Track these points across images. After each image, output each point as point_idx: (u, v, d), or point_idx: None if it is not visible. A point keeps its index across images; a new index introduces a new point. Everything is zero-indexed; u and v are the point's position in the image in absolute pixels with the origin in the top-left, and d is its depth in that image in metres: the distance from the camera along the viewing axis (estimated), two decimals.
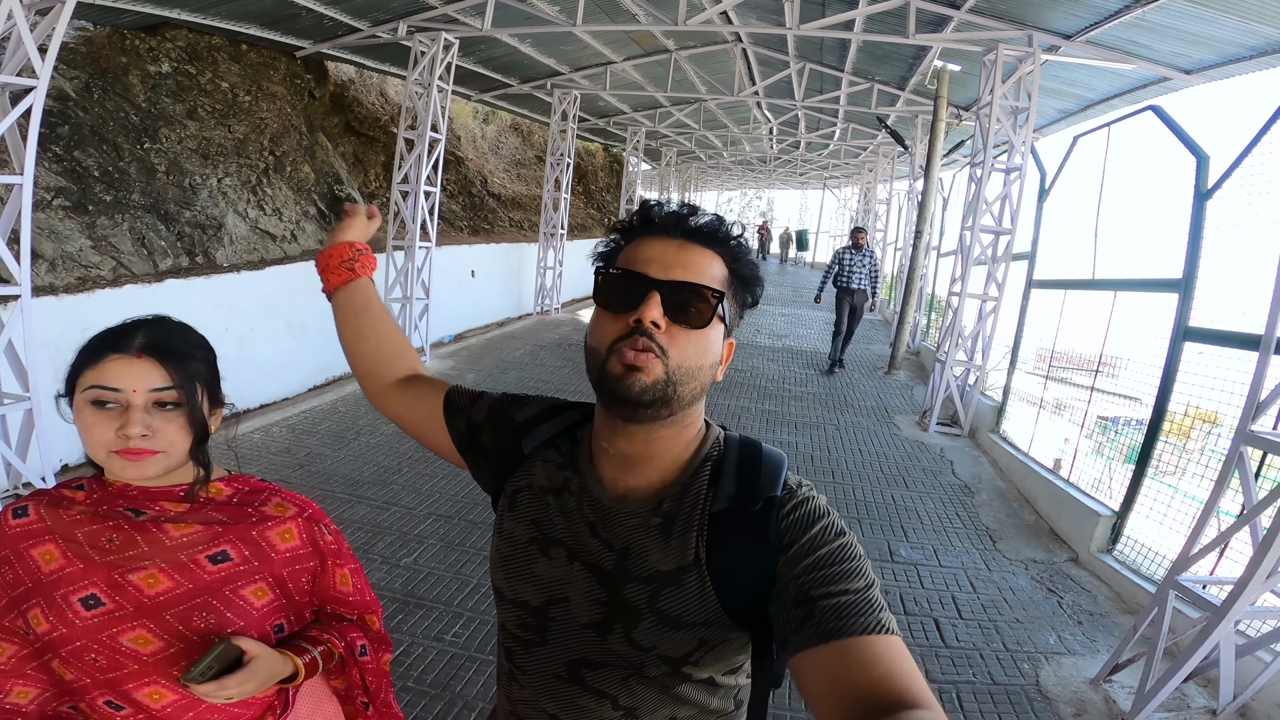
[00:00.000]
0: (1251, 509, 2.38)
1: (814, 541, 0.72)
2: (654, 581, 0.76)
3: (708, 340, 0.76)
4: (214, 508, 1.00)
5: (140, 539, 0.95)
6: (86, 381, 0.90)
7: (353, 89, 9.07)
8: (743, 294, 0.81)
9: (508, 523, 0.87)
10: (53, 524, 0.95)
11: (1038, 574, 3.76)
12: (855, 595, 0.65)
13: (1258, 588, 2.28)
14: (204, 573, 0.96)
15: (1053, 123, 8.04)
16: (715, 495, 0.78)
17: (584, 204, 16.20)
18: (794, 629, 0.66)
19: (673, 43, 9.20)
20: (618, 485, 0.81)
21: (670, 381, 0.73)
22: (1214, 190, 3.25)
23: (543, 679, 0.83)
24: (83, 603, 0.92)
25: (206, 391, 0.97)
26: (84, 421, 0.91)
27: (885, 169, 15.38)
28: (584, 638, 0.79)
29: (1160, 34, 4.97)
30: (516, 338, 9.43)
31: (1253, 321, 3.00)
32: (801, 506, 0.75)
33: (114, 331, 0.94)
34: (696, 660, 0.77)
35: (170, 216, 5.53)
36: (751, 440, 0.84)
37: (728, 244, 0.79)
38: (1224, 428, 3.88)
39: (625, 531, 0.79)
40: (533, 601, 0.83)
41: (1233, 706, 2.55)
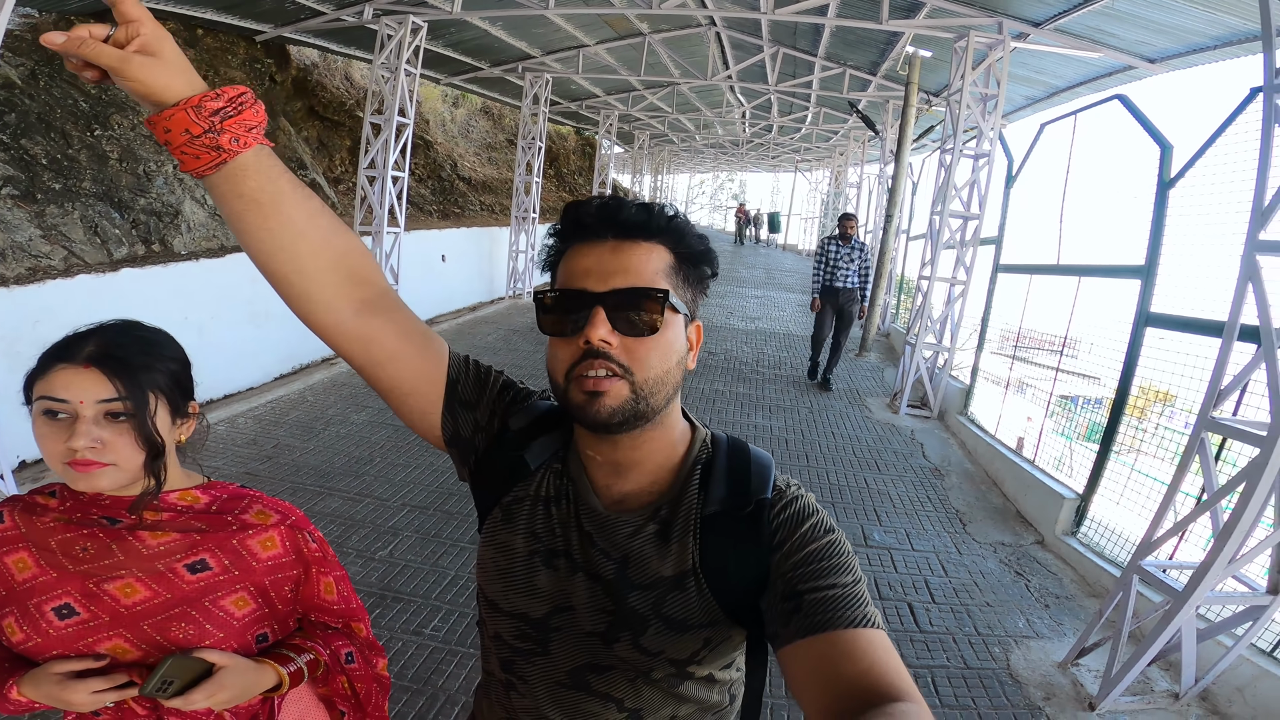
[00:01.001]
0: (1213, 495, 2.45)
1: (804, 539, 0.72)
2: (657, 588, 0.76)
3: (667, 341, 0.73)
4: (192, 515, 0.98)
5: (115, 547, 0.93)
6: (37, 391, 0.88)
7: (316, 73, 8.81)
8: (696, 272, 0.78)
9: (503, 534, 0.83)
10: (27, 531, 0.93)
11: (1006, 557, 3.86)
12: (842, 590, 0.66)
13: (1219, 573, 2.34)
14: (182, 582, 0.95)
15: (1019, 109, 8.17)
16: (706, 499, 0.78)
17: (556, 187, 16.03)
18: (783, 623, 0.67)
19: (646, 26, 9.09)
20: (611, 492, 0.80)
21: (639, 397, 0.71)
22: (1177, 179, 3.33)
23: (545, 687, 0.82)
24: (56, 612, 0.90)
25: (166, 402, 0.93)
26: (38, 431, 0.89)
27: (856, 153, 15.48)
28: (589, 645, 0.79)
29: (1127, 22, 5.06)
30: (489, 322, 9.34)
31: (1212, 308, 3.10)
32: (791, 506, 0.76)
33: (67, 340, 0.91)
34: (701, 659, 0.78)
35: (124, 204, 5.33)
36: (739, 442, 0.84)
37: (664, 229, 0.74)
38: (1178, 407, 4.02)
39: (622, 540, 0.78)
40: (533, 614, 0.81)
41: (1194, 690, 2.62)
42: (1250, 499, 2.23)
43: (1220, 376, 2.41)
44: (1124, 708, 2.62)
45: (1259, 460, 2.22)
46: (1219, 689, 2.68)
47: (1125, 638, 2.62)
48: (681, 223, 0.76)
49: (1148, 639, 2.51)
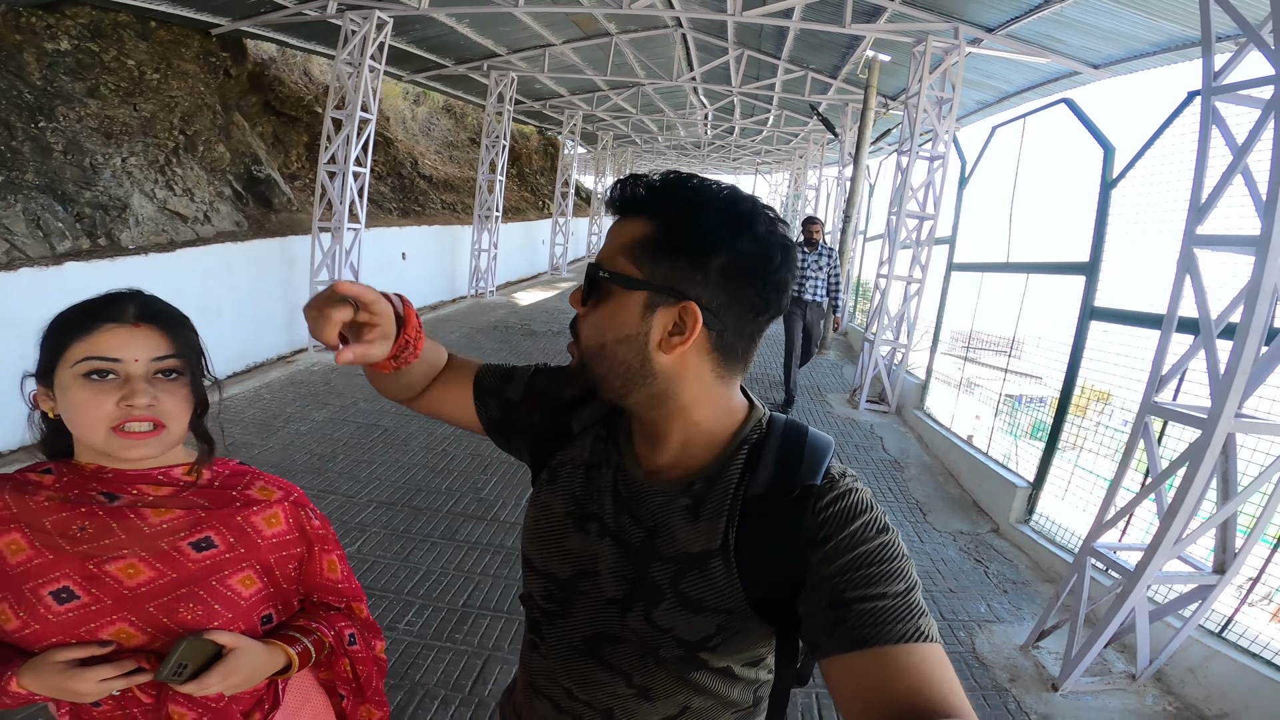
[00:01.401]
0: (1157, 476, 2.57)
1: (852, 539, 0.66)
2: (679, 562, 0.74)
3: (604, 316, 0.72)
4: (194, 492, 0.93)
5: (116, 526, 0.87)
6: (78, 354, 0.83)
7: (274, 68, 8.58)
8: (687, 246, 0.69)
9: (545, 495, 0.86)
10: (18, 510, 0.86)
11: (964, 545, 3.98)
12: (893, 600, 0.61)
13: (1167, 552, 2.44)
14: (188, 561, 0.90)
15: (972, 113, 8.47)
16: (751, 480, 0.74)
17: (518, 186, 15.91)
18: (825, 632, 0.62)
19: (614, 26, 9.11)
20: (649, 461, 0.79)
21: (583, 365, 0.75)
22: (1118, 180, 3.51)
23: (562, 651, 0.82)
24: (54, 596, 0.84)
25: (201, 360, 0.92)
26: (76, 399, 0.83)
27: (815, 155, 15.79)
28: (606, 613, 0.78)
29: (1075, 29, 5.30)
30: (452, 320, 9.24)
31: (1150, 301, 3.28)
32: (842, 499, 0.70)
33: (100, 301, 0.86)
34: (714, 647, 0.74)
35: (68, 197, 5.11)
36: (798, 424, 0.79)
37: (646, 202, 0.72)
38: (1116, 405, 4.23)
39: (654, 509, 0.77)
40: (561, 574, 0.82)
41: (1149, 671, 2.72)
42: (1194, 479, 2.34)
43: (1161, 363, 2.55)
44: (1085, 688, 2.70)
45: (1200, 441, 2.34)
46: (1172, 670, 2.77)
47: (1082, 620, 2.71)
48: (670, 196, 0.71)
49: (1103, 620, 2.59)
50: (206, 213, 6.54)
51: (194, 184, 6.45)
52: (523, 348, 7.95)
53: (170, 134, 6.32)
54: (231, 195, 7.00)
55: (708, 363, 0.73)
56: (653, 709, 0.78)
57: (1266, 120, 2.21)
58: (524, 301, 11.52)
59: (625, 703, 0.79)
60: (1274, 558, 2.75)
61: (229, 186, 7.00)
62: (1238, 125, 2.40)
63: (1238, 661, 2.60)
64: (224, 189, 6.89)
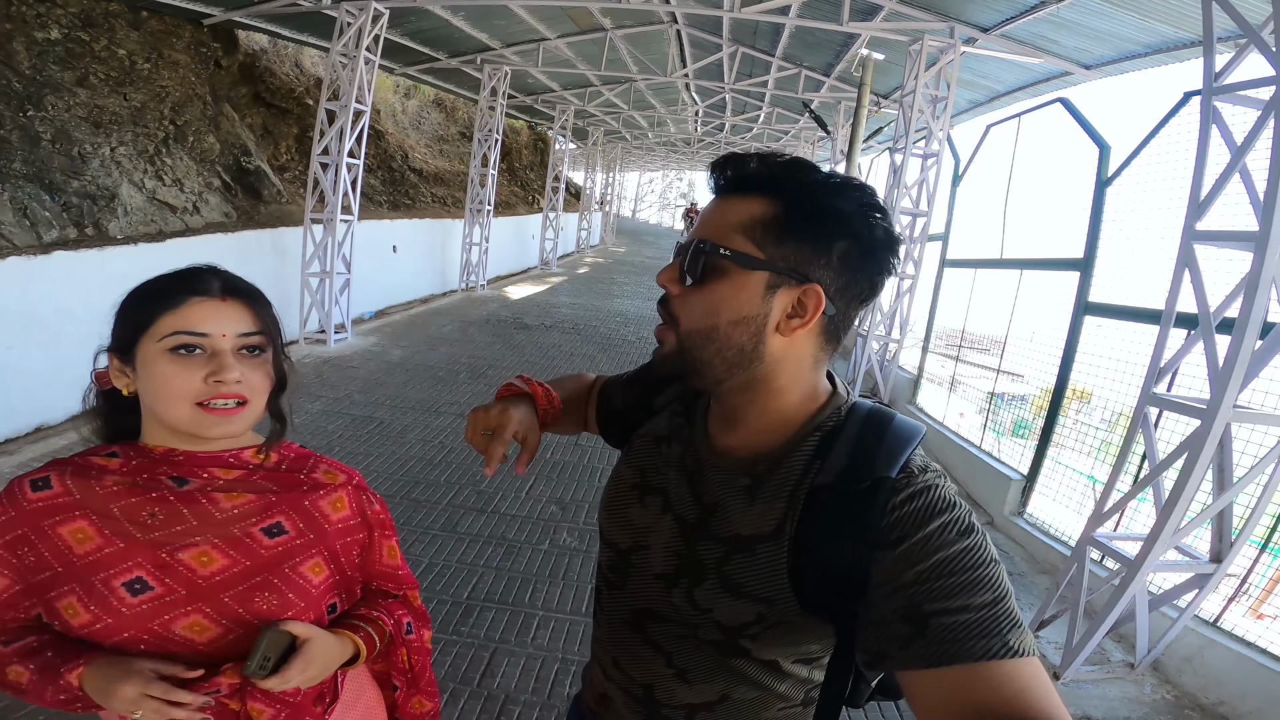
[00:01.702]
0: (1155, 466, 2.61)
1: (929, 542, 0.60)
2: (728, 544, 0.72)
3: (716, 296, 0.69)
4: (263, 475, 0.90)
5: (187, 512, 0.84)
6: (166, 328, 0.80)
7: (265, 59, 8.47)
8: (813, 228, 0.67)
9: (620, 466, 0.88)
10: (82, 497, 0.81)
11: None
12: (978, 614, 0.56)
13: (1167, 540, 2.49)
14: (260, 548, 0.86)
15: (964, 112, 8.54)
16: (821, 468, 0.69)
17: (508, 181, 15.83)
18: (900, 645, 0.58)
19: (609, 21, 9.08)
20: (720, 440, 0.78)
21: (683, 349, 0.70)
22: (1114, 178, 3.56)
23: (614, 623, 0.83)
24: (127, 587, 0.80)
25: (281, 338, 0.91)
26: (161, 374, 0.80)
27: (806, 152, 15.84)
28: (654, 588, 0.78)
29: (1069, 30, 5.37)
30: (443, 314, 9.18)
31: (1142, 297, 3.34)
32: (920, 497, 0.63)
33: (184, 275, 0.84)
34: (754, 635, 0.71)
35: (56, 186, 5.02)
36: (884, 411, 0.73)
37: (778, 184, 0.68)
38: (1096, 404, 4.29)
39: (714, 487, 0.75)
40: (621, 544, 0.83)
41: (1148, 660, 2.77)
42: (1194, 468, 2.39)
43: (1160, 356, 2.60)
44: (1085, 677, 2.76)
45: (1200, 431, 2.39)
46: (1169, 659, 2.83)
47: (1081, 610, 2.76)
48: (803, 178, 0.68)
49: (1103, 610, 2.64)
50: (196, 203, 6.45)
51: (183, 174, 6.36)
52: (516, 341, 7.93)
53: (160, 124, 6.22)
54: (221, 186, 6.91)
55: (813, 345, 0.72)
56: (691, 691, 0.76)
57: (1266, 120, 2.26)
58: (515, 295, 11.47)
59: (665, 682, 0.77)
60: (1260, 557, 2.82)
61: (218, 177, 6.91)
62: (1235, 124, 2.45)
63: (1233, 651, 2.66)
64: (213, 180, 6.80)
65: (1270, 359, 2.38)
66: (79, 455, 0.86)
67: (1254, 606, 3.04)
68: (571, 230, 20.59)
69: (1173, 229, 2.61)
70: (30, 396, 4.21)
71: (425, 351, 7.04)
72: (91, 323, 3.86)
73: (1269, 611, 2.99)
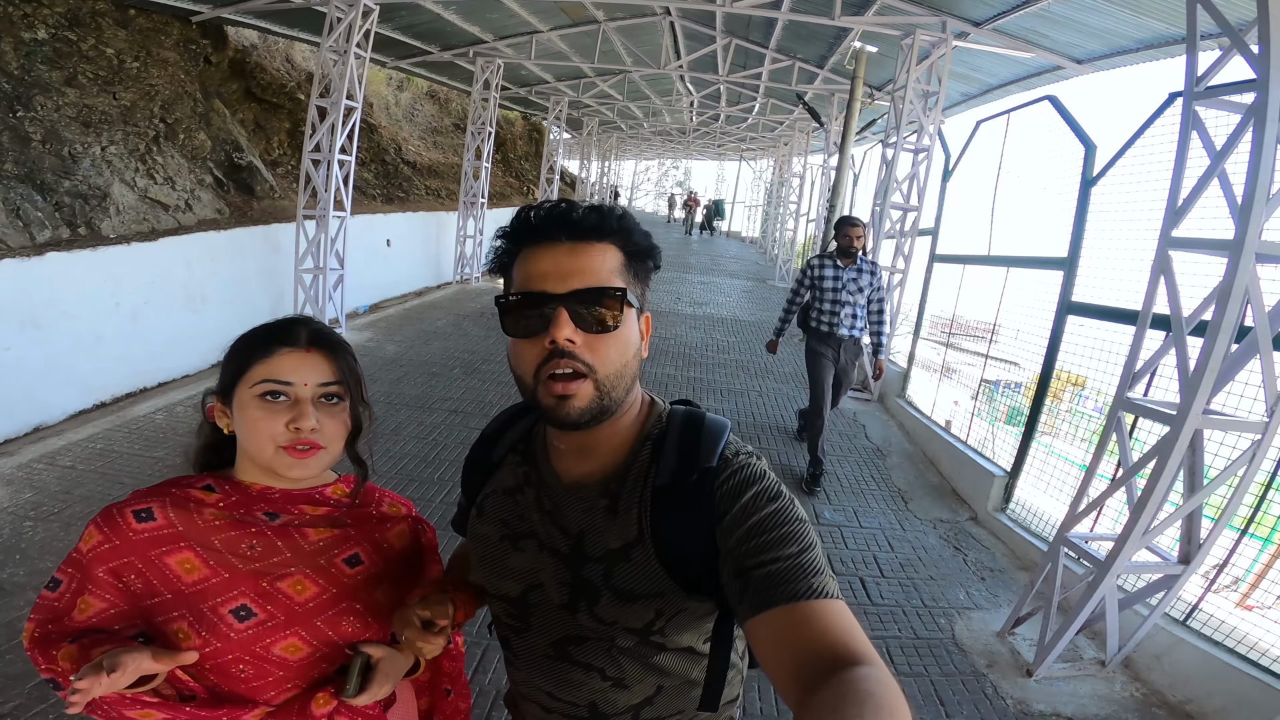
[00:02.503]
0: (1128, 470, 2.64)
1: (745, 510, 0.72)
2: (606, 560, 0.79)
3: (625, 336, 0.76)
4: (340, 510, 0.99)
5: (281, 544, 0.92)
6: (257, 375, 0.88)
7: (255, 55, 8.43)
8: (643, 266, 0.81)
9: (479, 528, 0.92)
10: (185, 529, 0.88)
11: (944, 533, 4.09)
12: (786, 562, 0.66)
13: (1136, 542, 2.54)
14: (343, 576, 0.95)
15: (956, 105, 8.54)
16: (657, 471, 0.80)
17: (503, 172, 15.79)
18: (737, 600, 0.67)
19: (602, 14, 9.05)
20: (571, 474, 0.84)
21: (603, 393, 0.75)
22: (1099, 178, 3.59)
23: (534, 660, 0.87)
24: (234, 614, 0.87)
25: (358, 387, 0.96)
26: (250, 417, 0.88)
27: (800, 143, 15.80)
28: (560, 618, 0.83)
29: (1061, 24, 5.38)
30: (437, 307, 9.20)
31: (1126, 298, 3.36)
32: (735, 475, 0.76)
33: (278, 326, 0.92)
34: (660, 629, 0.79)
35: (47, 186, 5.04)
36: (695, 413, 0.85)
37: (614, 229, 0.77)
38: (1090, 391, 4.33)
39: (577, 515, 0.82)
40: (511, 593, 0.87)
41: (1118, 658, 2.81)
42: (1163, 472, 2.43)
43: (1135, 360, 2.64)
44: (1057, 674, 2.80)
45: (1169, 436, 2.44)
46: (1139, 657, 2.87)
47: (1055, 608, 2.80)
48: (630, 222, 0.79)
49: (1075, 608, 2.69)
50: (188, 201, 6.45)
51: (175, 172, 6.35)
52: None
53: (150, 122, 6.21)
54: (213, 183, 6.91)
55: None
56: (630, 695, 0.83)
57: (1246, 126, 2.26)
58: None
59: (605, 694, 0.83)
60: (1238, 547, 2.86)
61: (210, 174, 6.91)
62: (1216, 129, 2.45)
63: (1200, 649, 2.70)
64: (205, 177, 6.80)
65: (1243, 365, 2.42)
66: (176, 487, 0.92)
67: (1242, 596, 3.08)
68: None
69: (1155, 231, 2.62)
70: (29, 396, 4.25)
71: (420, 346, 7.07)
72: (87, 321, 3.96)
73: (1256, 602, 3.02)
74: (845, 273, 4.31)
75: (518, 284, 0.77)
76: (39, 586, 2.60)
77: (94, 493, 3.49)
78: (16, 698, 2.13)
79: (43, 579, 2.73)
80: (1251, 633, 2.66)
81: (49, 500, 3.39)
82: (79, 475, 3.70)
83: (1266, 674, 2.49)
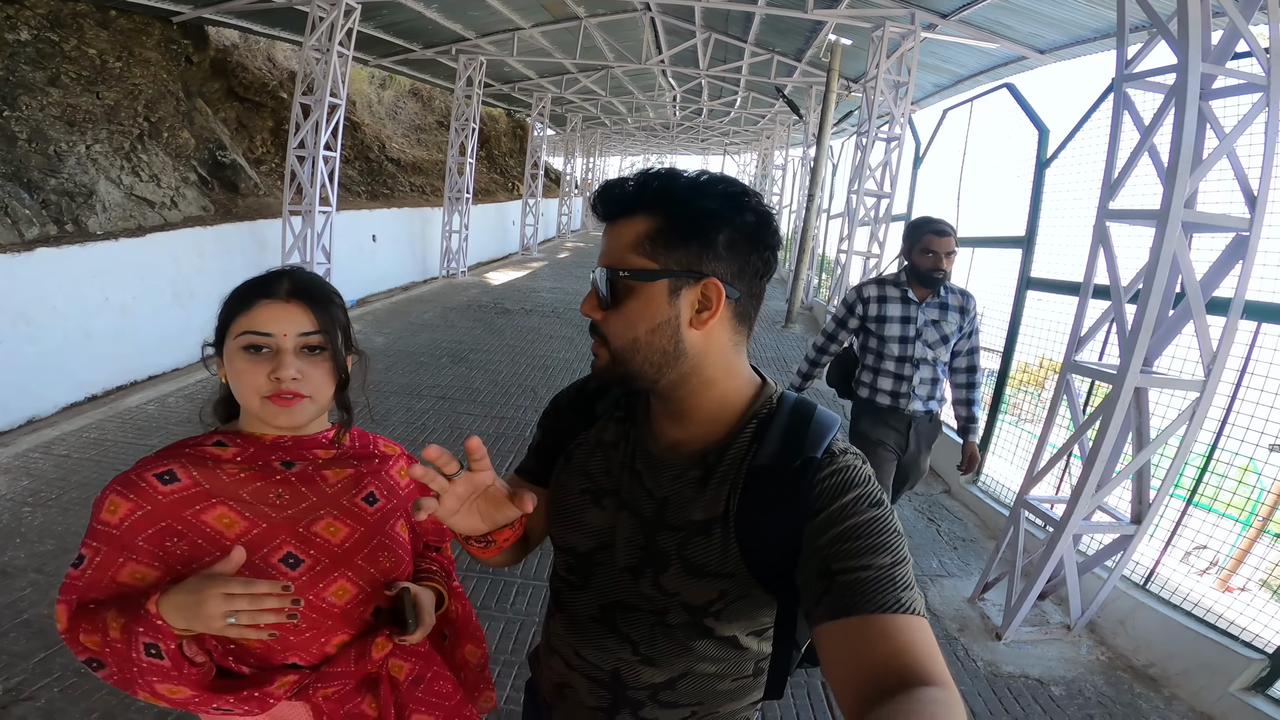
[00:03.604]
0: (1078, 428, 2.79)
1: (844, 511, 0.69)
2: (685, 530, 0.79)
3: (632, 311, 0.75)
4: (350, 452, 1.02)
5: (306, 489, 0.94)
6: (239, 328, 0.90)
7: (236, 54, 8.48)
8: (697, 229, 0.74)
9: (561, 476, 0.91)
10: (211, 486, 0.89)
11: (919, 505, 4.23)
12: (876, 571, 0.64)
13: (1088, 502, 2.65)
14: (367, 514, 0.98)
15: (928, 96, 8.73)
16: (758, 452, 0.78)
17: (487, 169, 15.86)
18: (814, 601, 0.65)
19: (583, 9, 9.16)
20: (667, 437, 0.83)
21: (615, 362, 0.77)
22: (1052, 159, 3.77)
23: (578, 619, 0.88)
24: (284, 562, 0.89)
25: (343, 338, 0.97)
26: (236, 368, 0.90)
27: (782, 136, 15.98)
28: (620, 581, 0.83)
29: (1021, 15, 5.57)
30: (424, 301, 9.30)
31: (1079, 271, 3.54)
32: (840, 474, 0.73)
33: (261, 279, 0.94)
34: (717, 612, 0.78)
35: (34, 184, 5.11)
36: (807, 402, 0.82)
37: (651, 199, 0.75)
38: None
39: (666, 481, 0.81)
40: (580, 547, 0.87)
41: (1082, 621, 2.90)
42: (1108, 430, 2.58)
43: (1080, 326, 2.81)
44: (1025, 638, 2.89)
45: (1111, 395, 2.59)
46: (1104, 621, 2.94)
47: (1019, 572, 2.90)
48: (670, 188, 0.75)
49: (1035, 570, 2.80)
50: (173, 198, 6.52)
51: (159, 170, 6.42)
52: (497, 325, 8.07)
53: (134, 121, 6.28)
54: (197, 180, 6.97)
55: (728, 330, 0.78)
56: (655, 673, 0.83)
57: (1169, 104, 2.45)
58: (496, 281, 11.59)
59: (631, 666, 0.84)
60: (1186, 511, 2.97)
61: (194, 172, 6.98)
62: (1147, 110, 2.64)
63: (1160, 614, 2.78)
64: (189, 175, 6.87)
65: (1181, 327, 2.59)
66: (189, 446, 0.93)
67: (1222, 579, 3.17)
68: (552, 216, 20.64)
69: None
70: (21, 391, 4.33)
71: (407, 337, 7.18)
72: (77, 317, 4.10)
73: (1237, 584, 3.12)
74: (923, 310, 2.70)
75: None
76: (40, 569, 2.75)
77: (90, 479, 3.58)
78: (21, 673, 2.21)
79: (43, 561, 2.82)
80: (1226, 613, 2.67)
81: (46, 487, 3.48)
82: (75, 463, 3.79)
83: (1225, 636, 2.58)
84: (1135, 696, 2.61)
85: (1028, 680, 2.67)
